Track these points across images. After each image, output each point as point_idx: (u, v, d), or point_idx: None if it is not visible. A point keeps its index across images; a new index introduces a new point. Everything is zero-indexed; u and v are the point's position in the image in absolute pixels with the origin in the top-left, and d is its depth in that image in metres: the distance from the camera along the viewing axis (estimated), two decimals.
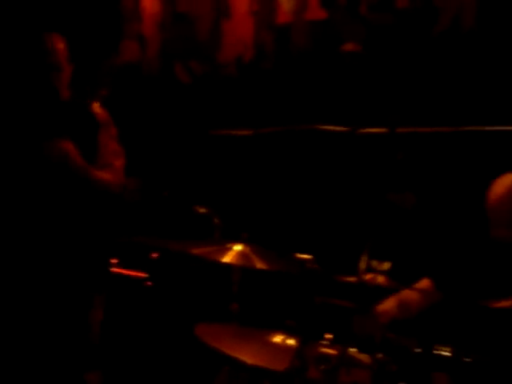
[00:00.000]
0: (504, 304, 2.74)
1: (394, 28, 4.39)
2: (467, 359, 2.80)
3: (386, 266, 2.93)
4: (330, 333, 2.89)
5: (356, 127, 4.30)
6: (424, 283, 3.46)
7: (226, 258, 3.15)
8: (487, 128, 3.94)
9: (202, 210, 3.51)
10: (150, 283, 4.17)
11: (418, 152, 3.95)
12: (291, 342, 2.98)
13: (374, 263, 2.93)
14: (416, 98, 4.20)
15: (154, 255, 4.25)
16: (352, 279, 2.93)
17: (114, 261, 4.09)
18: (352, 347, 2.91)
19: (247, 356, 2.90)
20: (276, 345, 3.02)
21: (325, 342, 2.86)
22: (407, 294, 3.38)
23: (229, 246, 3.21)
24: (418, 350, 2.85)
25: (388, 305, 3.31)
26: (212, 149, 4.82)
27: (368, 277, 2.91)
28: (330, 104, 4.50)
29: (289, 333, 2.96)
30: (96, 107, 3.50)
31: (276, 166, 4.55)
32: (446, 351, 2.84)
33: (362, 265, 2.87)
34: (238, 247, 3.19)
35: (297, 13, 4.86)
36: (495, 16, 4.08)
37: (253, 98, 4.85)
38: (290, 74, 4.74)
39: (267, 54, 4.90)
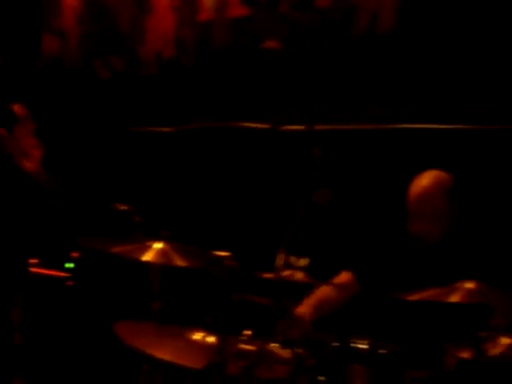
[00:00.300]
0: (419, 296, 2.80)
1: (314, 26, 4.45)
2: (383, 351, 2.88)
3: (304, 262, 2.98)
4: (248, 329, 2.93)
5: (277, 124, 4.34)
6: (343, 276, 3.53)
7: (146, 256, 3.15)
8: (406, 126, 4.05)
9: (123, 208, 3.48)
10: (70, 283, 4.13)
11: (335, 149, 4.02)
12: (211, 339, 3.00)
13: (292, 259, 2.97)
14: (334, 95, 4.28)
15: (75, 254, 4.21)
16: (270, 276, 2.97)
17: (33, 261, 4.04)
18: (272, 343, 2.96)
19: (167, 354, 2.90)
20: (196, 342, 3.03)
21: (244, 339, 2.90)
22: (325, 291, 3.44)
23: (149, 243, 3.22)
24: (336, 344, 2.91)
25: (307, 304, 3.36)
26: (133, 146, 4.79)
27: (286, 273, 2.95)
28: (251, 101, 4.53)
29: (208, 330, 2.98)
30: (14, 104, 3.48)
31: (197, 163, 4.55)
32: (362, 344, 2.91)
33: (280, 261, 2.90)
34: (158, 245, 3.19)
35: (218, 9, 4.86)
36: (415, 17, 4.19)
37: (173, 95, 4.84)
38: (211, 70, 4.74)
39: (188, 50, 4.89)
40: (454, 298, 2.72)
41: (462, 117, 3.94)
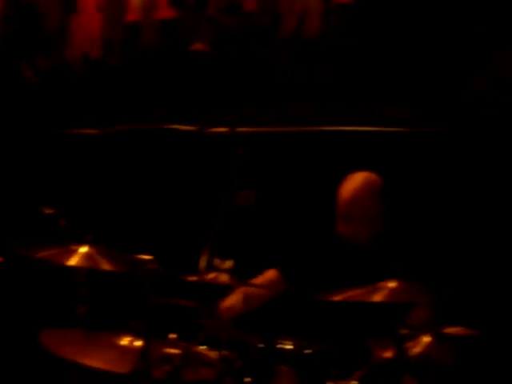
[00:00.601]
0: (343, 296, 2.83)
1: (242, 30, 4.47)
2: (308, 351, 2.90)
3: (229, 264, 2.97)
4: (173, 333, 2.92)
5: (203, 127, 4.34)
6: (269, 274, 3.54)
7: (72, 261, 3.11)
8: (330, 128, 4.09)
9: (49, 211, 3.42)
10: None
11: (259, 150, 4.03)
12: (138, 343, 2.98)
13: (217, 262, 2.96)
14: (260, 98, 4.30)
15: None
16: (194, 278, 2.96)
17: None
18: (198, 345, 2.95)
19: (95, 361, 2.87)
20: (123, 347, 3.01)
21: (169, 342, 2.88)
22: (252, 287, 3.44)
23: (74, 247, 3.18)
24: (262, 345, 2.92)
25: (232, 300, 3.36)
26: (59, 148, 4.71)
27: (210, 276, 2.94)
28: (178, 103, 4.51)
29: (135, 334, 2.95)
30: None
31: (123, 165, 4.51)
32: (288, 344, 2.93)
33: (203, 263, 2.90)
34: (83, 249, 3.15)
35: (146, 11, 4.82)
36: (340, 23, 4.25)
37: (100, 96, 4.78)
38: (139, 72, 4.71)
39: (115, 51, 4.85)
40: (377, 298, 2.76)
41: (386, 119, 4.01)
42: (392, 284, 2.77)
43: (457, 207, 3.85)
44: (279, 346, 2.91)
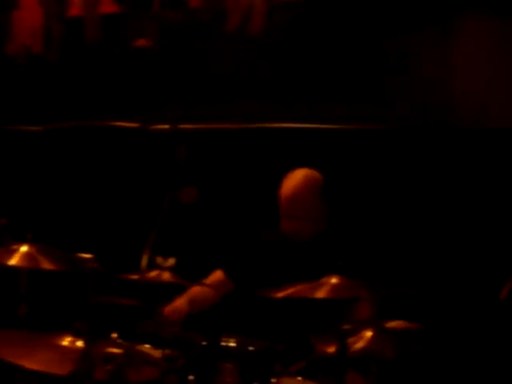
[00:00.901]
0: (286, 293, 2.83)
1: (185, 25, 4.44)
2: (251, 348, 2.90)
3: (171, 262, 2.95)
4: (115, 332, 2.89)
5: (147, 123, 4.30)
6: (215, 275, 3.53)
7: (12, 260, 3.07)
8: (272, 125, 4.10)
9: None
10: None
11: (202, 147, 4.02)
12: (79, 343, 2.94)
13: (159, 260, 2.94)
14: (203, 94, 4.29)
15: None
16: (136, 277, 2.94)
17: None
18: (140, 345, 2.93)
19: (36, 363, 2.82)
20: (64, 348, 2.97)
21: (111, 342, 2.85)
22: (198, 289, 3.43)
23: (15, 247, 3.13)
24: (205, 343, 2.91)
25: (178, 303, 3.35)
26: (1, 145, 4.64)
27: (153, 274, 2.92)
28: (121, 100, 4.47)
29: (76, 334, 2.91)
30: None
31: (65, 163, 4.45)
32: (231, 342, 2.92)
33: (145, 262, 2.87)
34: (24, 248, 3.10)
35: (88, 6, 4.76)
36: (283, 21, 4.28)
37: (43, 92, 4.72)
38: (81, 68, 4.66)
39: (56, 46, 4.78)
40: (320, 294, 2.77)
41: (328, 117, 4.03)
42: (334, 280, 2.78)
43: (397, 204, 3.90)
44: (222, 343, 2.90)
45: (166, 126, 3.68)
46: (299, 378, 2.98)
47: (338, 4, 4.17)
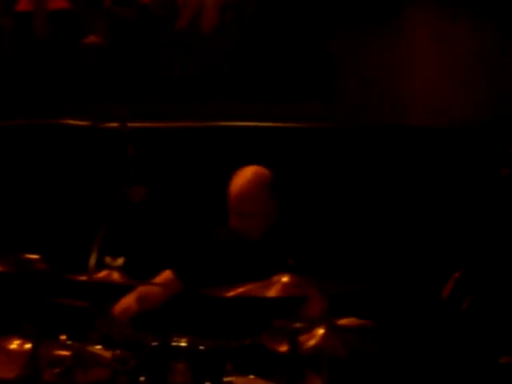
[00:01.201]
0: (236, 292, 2.81)
1: (137, 23, 4.40)
2: (202, 347, 2.88)
3: (120, 261, 2.91)
4: (64, 333, 2.85)
5: (97, 121, 4.25)
6: (164, 275, 3.50)
7: None
8: (223, 123, 4.09)
9: None
10: None
11: (151, 146, 3.99)
12: (27, 346, 2.89)
13: (108, 259, 2.90)
14: (150, 93, 4.25)
15: None
16: (83, 277, 2.90)
17: None
18: (90, 346, 2.89)
19: None
20: (13, 351, 2.91)
21: (59, 344, 2.81)
22: (147, 288, 3.40)
23: None
24: (156, 343, 2.88)
25: (126, 302, 3.31)
26: None
27: (102, 274, 2.88)
28: (71, 97, 4.41)
29: (24, 337, 2.86)
30: None
31: (15, 161, 4.38)
32: (182, 342, 2.90)
33: (93, 262, 2.84)
34: None
35: (38, 1, 4.69)
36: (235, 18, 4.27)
37: None
38: (31, 64, 4.58)
39: (5, 41, 4.70)
40: (271, 293, 2.76)
41: (278, 115, 4.04)
42: (285, 278, 2.77)
43: (347, 201, 3.92)
44: (174, 343, 2.89)
45: (116, 124, 3.63)
46: (252, 377, 2.98)
47: (290, 2, 4.18)
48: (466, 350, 3.75)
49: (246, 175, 3.37)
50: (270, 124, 3.98)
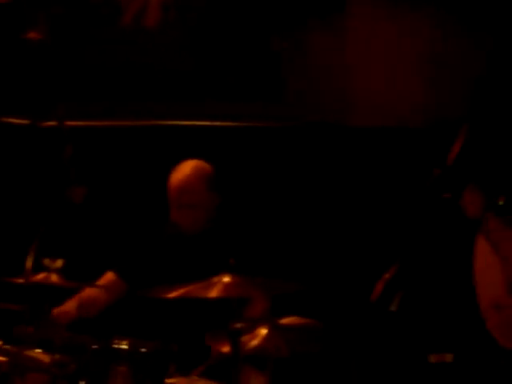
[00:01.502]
0: (177, 293, 2.78)
1: (79, 18, 4.34)
2: (144, 349, 2.85)
3: (59, 263, 2.86)
4: (0, 338, 2.79)
5: (36, 120, 4.16)
6: (107, 277, 3.45)
7: None
8: (164, 122, 4.05)
9: None
10: None
11: (89, 145, 3.93)
12: None
13: (46, 261, 2.84)
14: (90, 91, 4.19)
15: None
16: (21, 280, 2.83)
17: None
18: (29, 350, 2.83)
19: None
20: None
21: None
22: (90, 291, 3.35)
23: None
24: (96, 346, 2.83)
25: (68, 305, 3.25)
26: None
27: (40, 276, 2.83)
28: (10, 95, 4.32)
29: None
30: None
31: None
32: (123, 344, 2.86)
33: (29, 264, 2.77)
34: None
35: None
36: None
37: None
38: None
39: None
40: (212, 293, 2.74)
41: (221, 114, 4.02)
42: (226, 279, 2.74)
43: (289, 200, 3.93)
44: (114, 346, 2.84)
45: (55, 123, 3.56)
46: (195, 377, 2.96)
47: (234, 2, 4.17)
48: (395, 351, 3.80)
49: (185, 168, 3.37)
50: (208, 123, 3.97)
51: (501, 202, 2.68)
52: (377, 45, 4.03)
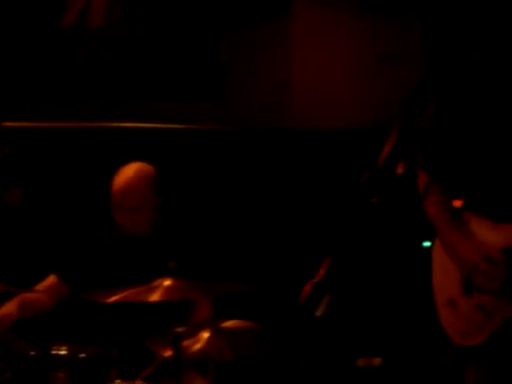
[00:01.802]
0: (118, 297, 2.74)
1: (20, 17, 4.26)
2: (83, 355, 2.79)
3: None
4: None
5: None
6: (49, 280, 3.38)
7: None
8: (105, 124, 4.00)
9: None
10: None
11: (27, 146, 3.85)
12: None
13: None
14: (29, 92, 4.12)
15: None
16: None
17: None
18: None
19: None
20: None
21: None
22: (30, 294, 3.27)
23: None
24: (33, 353, 2.77)
25: (7, 308, 3.17)
26: None
27: None
28: None
29: None
30: None
31: None
32: (62, 350, 2.80)
33: None
34: None
35: None
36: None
37: None
38: None
39: None
40: (154, 297, 2.69)
41: (164, 116, 3.98)
42: (167, 282, 2.71)
43: (233, 203, 3.91)
44: (53, 351, 2.78)
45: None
46: (139, 382, 2.91)
47: (180, 3, 4.15)
48: (323, 354, 3.81)
49: (127, 170, 3.32)
50: (150, 125, 3.93)
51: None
52: (319, 47, 4.04)
